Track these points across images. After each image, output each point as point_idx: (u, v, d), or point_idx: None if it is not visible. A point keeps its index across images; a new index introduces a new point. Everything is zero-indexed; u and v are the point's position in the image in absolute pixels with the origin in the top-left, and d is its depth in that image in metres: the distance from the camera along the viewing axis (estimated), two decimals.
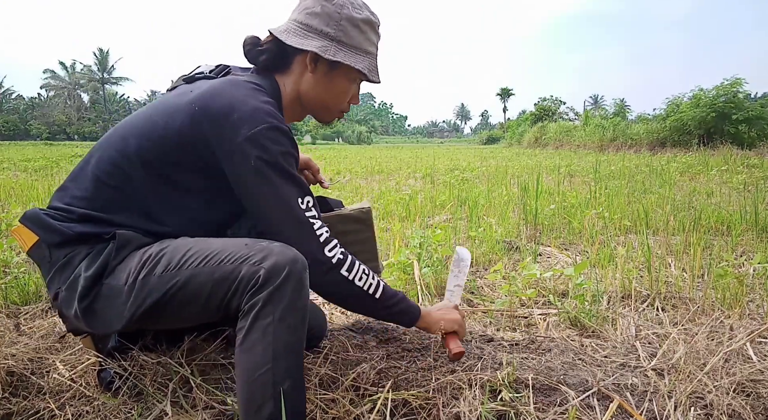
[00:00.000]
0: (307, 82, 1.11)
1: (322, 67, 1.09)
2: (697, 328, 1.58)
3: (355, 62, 1.08)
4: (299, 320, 0.89)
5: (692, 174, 6.71)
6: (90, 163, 1.05)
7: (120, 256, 0.97)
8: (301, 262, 0.90)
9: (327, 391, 1.17)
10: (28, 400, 1.15)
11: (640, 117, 20.76)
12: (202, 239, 0.98)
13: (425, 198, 4.34)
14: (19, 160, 11.03)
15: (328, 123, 1.21)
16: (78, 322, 1.00)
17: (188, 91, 1.04)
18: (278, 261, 0.87)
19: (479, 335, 1.55)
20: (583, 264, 1.75)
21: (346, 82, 1.13)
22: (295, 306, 0.87)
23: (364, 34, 1.10)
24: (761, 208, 3.20)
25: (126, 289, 0.94)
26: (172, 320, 0.98)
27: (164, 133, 1.00)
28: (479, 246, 2.58)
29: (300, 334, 0.89)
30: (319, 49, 1.06)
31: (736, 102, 13.85)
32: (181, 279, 0.91)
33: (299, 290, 0.88)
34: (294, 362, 0.89)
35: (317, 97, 1.13)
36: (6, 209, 3.56)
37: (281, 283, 0.86)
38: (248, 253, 0.90)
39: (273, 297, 0.86)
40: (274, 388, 0.86)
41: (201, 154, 1.00)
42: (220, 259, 0.90)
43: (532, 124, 29.92)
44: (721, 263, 1.97)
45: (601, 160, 10.04)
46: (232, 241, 0.95)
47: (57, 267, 0.99)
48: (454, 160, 11.90)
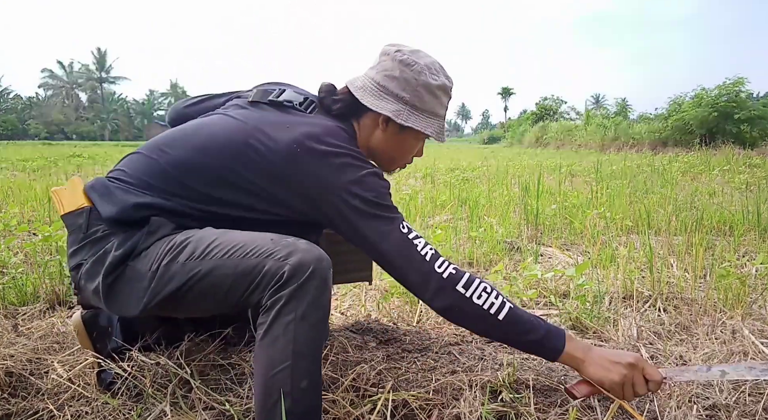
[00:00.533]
0: (377, 138, 1.16)
1: (393, 128, 1.13)
2: (699, 329, 1.57)
3: (425, 127, 1.12)
4: (321, 318, 0.89)
5: (694, 174, 6.70)
6: (164, 158, 1.05)
7: (149, 241, 0.97)
8: (327, 261, 0.91)
9: (327, 391, 1.16)
10: (27, 401, 1.15)
11: (641, 116, 20.78)
12: (228, 231, 0.98)
13: (425, 198, 4.34)
14: (17, 159, 11.03)
15: (389, 172, 1.24)
16: (95, 298, 1.00)
17: (284, 125, 1.05)
18: (304, 258, 0.88)
19: None
20: (585, 264, 1.74)
21: (414, 141, 1.18)
22: (318, 304, 0.88)
23: (438, 99, 1.14)
24: (764, 208, 3.19)
25: (149, 274, 0.95)
26: (189, 309, 0.99)
27: (259, 165, 1.01)
28: (480, 246, 2.58)
29: (321, 332, 0.90)
30: (393, 114, 1.09)
31: (738, 101, 13.85)
32: (204, 269, 0.92)
33: (323, 288, 0.88)
34: (313, 361, 0.89)
35: (385, 152, 1.18)
36: (4, 209, 3.56)
37: (305, 280, 0.86)
38: (273, 249, 0.90)
39: (296, 294, 0.86)
40: (293, 385, 0.86)
41: (294, 191, 1.02)
42: (245, 252, 0.91)
43: (533, 123, 29.93)
44: (723, 264, 1.96)
45: (603, 159, 10.03)
46: (258, 235, 0.95)
47: (90, 239, 0.99)
48: (454, 159, 11.89)
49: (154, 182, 1.03)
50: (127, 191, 1.02)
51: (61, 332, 1.53)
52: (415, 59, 1.10)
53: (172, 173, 1.03)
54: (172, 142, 1.08)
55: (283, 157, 1.00)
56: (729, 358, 1.35)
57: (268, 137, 1.02)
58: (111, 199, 1.01)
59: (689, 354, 1.38)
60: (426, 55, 1.14)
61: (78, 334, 1.19)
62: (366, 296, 1.93)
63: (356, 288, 2.05)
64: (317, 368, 0.90)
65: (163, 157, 1.05)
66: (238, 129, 1.06)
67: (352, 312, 1.82)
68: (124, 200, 1.00)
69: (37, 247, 2.13)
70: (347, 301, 1.95)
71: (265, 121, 1.07)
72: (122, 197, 1.00)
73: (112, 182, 1.05)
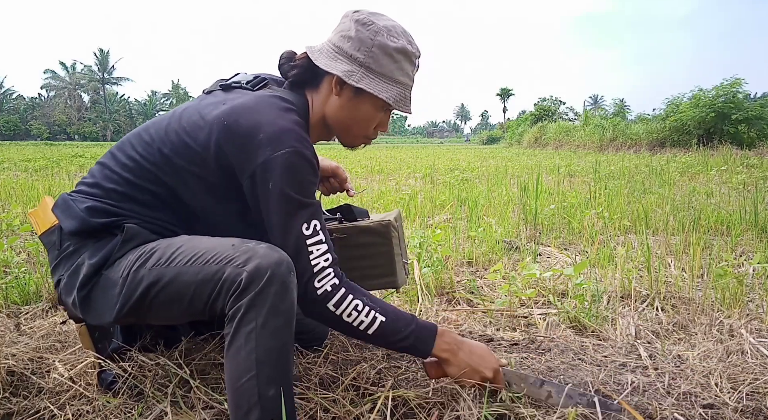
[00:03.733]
0: (332, 104, 1.11)
1: (348, 92, 1.09)
2: (697, 328, 1.58)
3: (380, 91, 1.06)
4: (283, 324, 0.87)
5: (692, 174, 6.72)
6: (115, 158, 1.07)
7: (123, 250, 0.99)
8: (287, 264, 0.89)
9: (327, 390, 1.17)
10: (29, 400, 1.15)
11: (639, 117, 20.79)
12: (195, 237, 0.99)
13: (425, 198, 4.35)
14: (20, 160, 11.03)
15: (351, 147, 1.19)
16: (75, 310, 1.02)
17: (221, 102, 1.04)
18: (261, 264, 0.87)
19: (479, 335, 1.56)
20: (583, 264, 1.75)
21: (371, 109, 1.11)
22: (278, 310, 0.86)
23: (397, 63, 1.07)
24: (761, 208, 3.20)
25: (121, 280, 0.95)
26: (160, 315, 0.99)
27: (191, 143, 1.01)
28: (479, 246, 2.59)
29: (285, 338, 0.88)
30: (344, 74, 1.04)
31: (735, 102, 13.86)
32: (168, 275, 0.92)
33: (283, 293, 0.87)
34: (279, 368, 0.88)
35: (340, 120, 1.12)
36: (6, 209, 3.56)
37: (263, 287, 0.85)
38: (233, 255, 0.89)
39: (255, 302, 0.85)
40: (260, 394, 0.85)
41: (223, 169, 1.00)
42: (206, 259, 0.91)
43: (531, 124, 29.93)
44: (720, 263, 1.97)
45: (601, 160, 10.05)
46: (221, 241, 0.95)
47: (65, 254, 1.02)
48: (454, 160, 11.90)
49: (109, 185, 1.04)
50: (83, 201, 1.03)
51: (63, 331, 1.53)
52: (373, 20, 1.05)
53: (123, 175, 1.04)
54: (121, 145, 1.09)
55: (207, 132, 0.99)
56: (727, 356, 1.36)
57: (199, 116, 1.02)
58: (70, 213, 1.02)
59: (687, 353, 1.39)
60: (388, 19, 1.08)
61: (80, 335, 1.20)
62: None
63: None
64: (285, 374, 0.89)
65: (112, 161, 1.07)
66: (168, 117, 1.07)
67: None
68: (80, 211, 1.01)
69: (39, 246, 2.13)
70: None
71: (203, 104, 1.06)
72: (78, 208, 1.02)
73: (71, 196, 1.06)
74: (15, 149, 20.50)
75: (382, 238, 1.36)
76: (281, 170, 0.95)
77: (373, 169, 8.43)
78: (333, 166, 1.41)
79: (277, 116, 1.00)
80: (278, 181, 0.95)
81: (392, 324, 1.02)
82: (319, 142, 1.21)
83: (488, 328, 1.65)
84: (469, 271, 2.31)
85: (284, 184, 0.95)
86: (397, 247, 1.39)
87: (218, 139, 0.99)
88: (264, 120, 0.98)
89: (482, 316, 1.76)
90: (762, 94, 48.06)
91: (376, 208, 4.00)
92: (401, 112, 1.14)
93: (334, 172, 1.42)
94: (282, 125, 0.98)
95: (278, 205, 0.96)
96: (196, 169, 1.01)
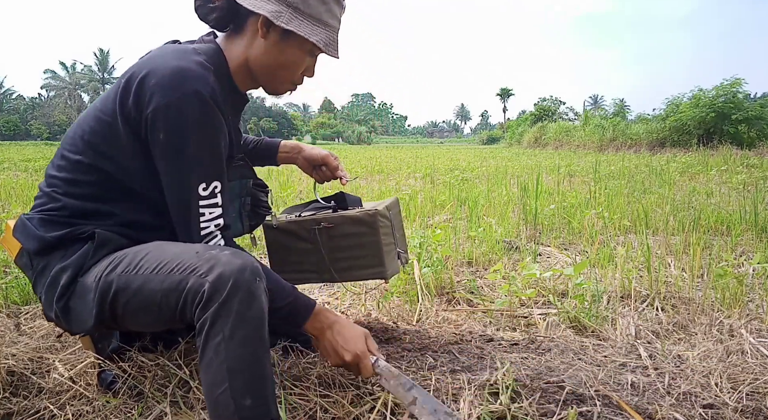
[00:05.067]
0: (258, 48, 1.04)
1: (275, 35, 1.02)
2: (697, 328, 1.58)
3: (310, 34, 1.00)
4: (252, 331, 0.85)
5: (692, 174, 6.72)
6: (53, 164, 1.05)
7: (97, 256, 0.97)
8: (251, 270, 0.86)
9: (327, 391, 1.17)
10: (29, 400, 1.15)
11: (639, 117, 20.80)
12: (164, 243, 0.96)
13: (425, 198, 4.34)
14: (20, 160, 11.03)
15: (277, 94, 1.13)
16: (59, 322, 1.01)
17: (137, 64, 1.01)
18: (223, 273, 0.84)
19: (479, 335, 1.56)
20: (583, 264, 1.75)
21: (299, 52, 1.05)
22: (244, 319, 0.84)
23: (326, 4, 1.03)
24: (761, 208, 3.20)
25: (94, 284, 0.94)
26: (139, 323, 0.98)
27: (102, 116, 0.98)
28: (479, 246, 2.59)
29: (255, 345, 0.86)
30: (272, 14, 0.98)
31: (735, 102, 13.87)
32: (136, 283, 0.91)
33: (249, 301, 0.85)
34: (253, 376, 0.85)
35: (266, 65, 1.05)
36: (6, 209, 3.56)
37: (227, 297, 0.83)
38: (196, 264, 0.87)
39: (220, 313, 0.83)
40: (236, 405, 0.83)
41: (132, 133, 0.96)
42: (170, 267, 0.88)
43: (531, 124, 29.93)
44: (720, 263, 1.97)
45: (601, 160, 10.04)
46: (187, 247, 0.93)
47: (38, 272, 1.01)
48: (454, 160, 11.90)
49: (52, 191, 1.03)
50: (37, 218, 1.02)
51: (60, 331, 1.53)
52: None
53: (60, 176, 1.03)
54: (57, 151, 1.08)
55: (112, 98, 0.97)
56: (727, 356, 1.36)
57: (108, 89, 1.01)
58: (28, 234, 1.01)
59: (687, 353, 1.39)
60: None
61: (80, 336, 1.20)
62: (366, 295, 1.94)
63: (356, 286, 2.05)
64: (262, 380, 0.86)
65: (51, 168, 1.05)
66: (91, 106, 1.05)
67: (352, 311, 1.83)
68: (36, 229, 1.00)
69: None
70: (347, 300, 1.96)
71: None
72: (34, 227, 1.00)
73: (27, 215, 1.05)
74: (15, 149, 20.51)
75: (369, 228, 1.33)
76: (174, 118, 0.90)
77: (373, 169, 8.43)
78: (323, 154, 1.39)
79: (173, 58, 0.94)
80: (171, 131, 0.90)
81: (270, 293, 0.98)
82: (248, 90, 1.15)
83: (488, 328, 1.65)
84: (469, 271, 2.31)
85: (178, 134, 0.90)
86: (387, 237, 1.36)
87: (118, 98, 0.95)
88: (157, 64, 0.93)
89: (482, 316, 1.76)
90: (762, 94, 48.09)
91: None
92: (329, 56, 1.08)
93: (324, 160, 1.40)
94: (175, 66, 0.92)
95: (170, 157, 0.92)
96: (114, 142, 0.98)
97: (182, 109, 0.90)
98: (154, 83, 0.91)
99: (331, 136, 71.44)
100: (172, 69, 0.92)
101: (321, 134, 70.59)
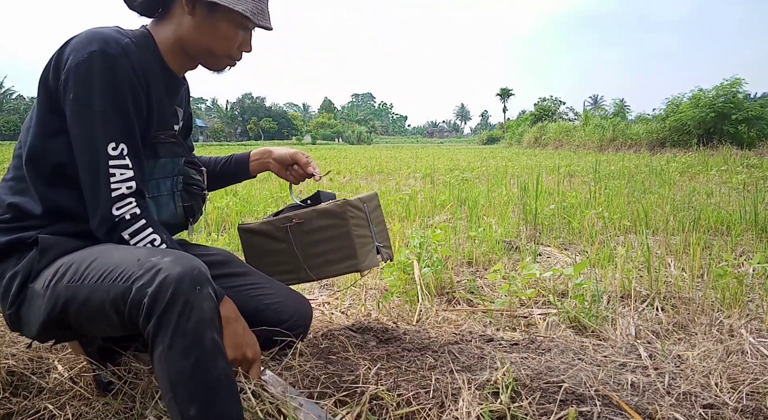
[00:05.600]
0: (187, 25, 1.05)
1: (201, 10, 1.03)
2: (697, 328, 1.58)
3: (234, 3, 1.01)
4: (192, 343, 0.83)
5: (692, 174, 6.72)
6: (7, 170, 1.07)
7: (45, 260, 0.97)
8: (189, 279, 0.84)
9: (327, 391, 1.17)
10: (29, 400, 1.15)
11: (639, 117, 20.82)
12: (107, 248, 0.96)
13: (425, 198, 4.35)
14: None
15: (218, 71, 1.14)
16: (16, 328, 1.01)
17: None
18: (163, 283, 0.83)
19: (479, 335, 1.55)
20: (583, 264, 1.75)
21: (229, 26, 1.06)
22: (183, 330, 0.83)
23: None
24: (761, 208, 3.20)
25: (43, 291, 0.94)
26: (97, 330, 0.98)
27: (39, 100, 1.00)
28: (479, 246, 2.59)
29: (198, 355, 0.83)
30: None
31: (735, 102, 13.87)
32: (83, 292, 0.90)
33: (187, 312, 0.83)
34: (198, 385, 0.84)
35: (199, 42, 1.06)
36: None
37: (165, 308, 0.82)
38: (138, 273, 0.86)
39: (161, 324, 0.83)
40: (182, 415, 0.83)
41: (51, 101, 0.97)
42: (114, 276, 0.88)
43: (531, 124, 29.95)
44: (720, 263, 1.97)
45: (601, 160, 10.05)
46: (130, 253, 0.92)
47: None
48: (453, 160, 11.90)
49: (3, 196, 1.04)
50: None
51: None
52: None
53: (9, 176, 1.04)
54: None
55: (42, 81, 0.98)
56: (727, 356, 1.36)
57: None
58: None
59: (687, 353, 1.39)
60: None
61: (69, 342, 1.20)
62: (366, 295, 1.94)
63: (356, 286, 2.05)
64: (208, 389, 0.84)
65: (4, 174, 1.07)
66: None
67: (352, 311, 1.83)
68: None
69: None
70: (347, 300, 1.96)
71: None
72: None
73: None
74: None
75: (339, 219, 1.32)
76: (83, 76, 0.90)
77: (373, 170, 8.44)
78: (291, 153, 1.38)
79: (91, 29, 0.96)
80: (79, 89, 0.91)
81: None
82: (187, 71, 1.16)
83: (488, 328, 1.65)
84: (469, 271, 2.31)
85: (85, 91, 0.91)
86: (360, 229, 1.34)
87: (41, 77, 0.97)
88: (75, 37, 0.95)
89: (482, 316, 1.76)
90: (762, 94, 48.07)
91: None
92: (261, 28, 1.09)
93: (294, 158, 1.39)
94: (89, 32, 0.95)
95: (78, 116, 0.92)
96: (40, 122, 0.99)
97: (89, 67, 0.91)
98: (69, 49, 0.94)
99: (331, 136, 71.44)
100: (86, 34, 0.95)
101: (321, 134, 70.60)
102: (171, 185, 1.16)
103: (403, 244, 2.48)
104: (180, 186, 1.18)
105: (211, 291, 0.88)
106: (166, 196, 1.14)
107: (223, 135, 72.29)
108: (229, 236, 2.90)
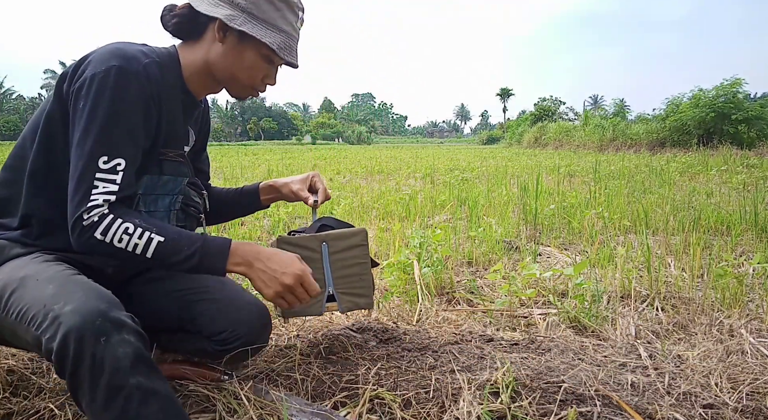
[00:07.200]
0: (216, 51, 1.09)
1: (232, 38, 1.07)
2: (697, 328, 1.58)
3: (263, 36, 1.05)
4: (112, 395, 0.81)
5: (692, 174, 6.72)
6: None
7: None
8: (91, 333, 0.80)
9: (327, 390, 1.17)
10: (29, 400, 1.15)
11: (639, 117, 20.82)
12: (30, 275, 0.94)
13: (425, 198, 4.35)
14: None
15: (240, 99, 1.19)
16: None
17: None
18: (65, 340, 0.80)
19: (479, 335, 1.56)
20: (583, 264, 1.75)
21: (256, 57, 1.10)
22: (99, 385, 0.80)
23: (279, 11, 1.08)
24: (761, 208, 3.21)
25: None
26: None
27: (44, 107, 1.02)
28: (479, 246, 2.59)
29: (121, 405, 0.81)
30: (226, 18, 1.04)
31: (735, 102, 13.87)
32: (8, 325, 0.91)
33: (98, 367, 0.80)
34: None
35: (225, 68, 1.10)
36: None
37: (74, 367, 0.80)
38: (44, 323, 0.83)
39: (76, 381, 0.81)
40: None
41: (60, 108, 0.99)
42: (27, 319, 0.86)
43: (531, 124, 29.95)
44: (720, 263, 1.97)
45: (601, 160, 10.05)
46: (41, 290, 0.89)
47: None
48: (453, 160, 11.90)
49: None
50: None
51: None
52: None
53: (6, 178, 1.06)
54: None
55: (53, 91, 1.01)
56: (727, 356, 1.36)
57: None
58: None
59: (687, 353, 1.39)
60: None
61: None
62: None
63: None
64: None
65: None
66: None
67: (352, 311, 1.83)
68: None
69: None
70: None
71: None
72: None
73: None
74: None
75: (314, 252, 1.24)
76: (96, 88, 0.93)
77: (373, 170, 8.44)
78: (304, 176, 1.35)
79: (117, 45, 0.99)
80: (89, 100, 0.93)
81: (173, 243, 0.96)
82: (208, 94, 1.20)
83: (488, 328, 1.65)
84: (469, 271, 2.31)
85: (94, 102, 0.93)
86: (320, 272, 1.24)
87: (57, 83, 1.00)
88: (97, 50, 0.98)
89: (482, 316, 1.76)
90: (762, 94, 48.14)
91: (375, 207, 4.00)
92: (287, 64, 1.12)
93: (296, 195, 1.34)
94: (112, 47, 0.98)
95: (81, 125, 0.94)
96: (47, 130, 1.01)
97: (104, 80, 0.94)
98: (89, 60, 0.96)
99: (331, 136, 71.45)
100: (110, 48, 0.97)
101: (321, 134, 70.60)
102: (169, 203, 1.15)
103: (403, 244, 2.48)
104: (178, 205, 1.17)
105: (125, 334, 0.83)
106: (162, 213, 1.13)
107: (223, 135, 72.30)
108: None
